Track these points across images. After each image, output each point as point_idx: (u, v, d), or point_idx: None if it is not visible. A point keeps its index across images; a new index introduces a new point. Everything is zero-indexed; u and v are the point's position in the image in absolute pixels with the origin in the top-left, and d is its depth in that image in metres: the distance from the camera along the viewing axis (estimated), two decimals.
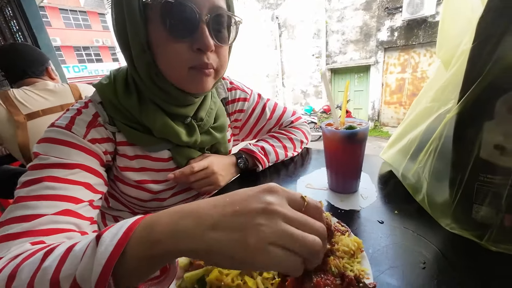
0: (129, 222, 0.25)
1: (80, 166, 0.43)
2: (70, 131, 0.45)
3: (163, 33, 0.42)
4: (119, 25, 0.44)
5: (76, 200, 0.41)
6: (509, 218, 0.32)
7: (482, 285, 0.30)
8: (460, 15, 0.41)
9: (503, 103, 0.30)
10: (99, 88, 0.51)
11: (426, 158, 0.39)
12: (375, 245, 0.38)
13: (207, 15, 0.42)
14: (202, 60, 0.44)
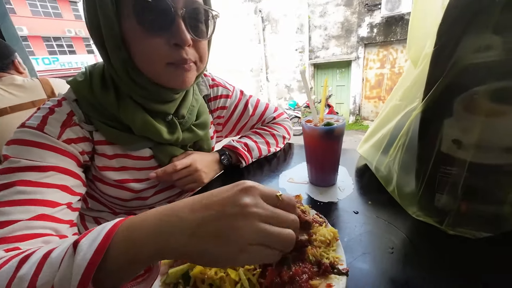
0: (108, 227, 0.25)
1: (55, 168, 0.42)
2: (43, 132, 0.43)
3: (137, 28, 0.41)
4: (92, 19, 0.42)
5: (52, 203, 0.40)
6: (464, 204, 0.36)
7: (441, 264, 0.34)
8: (426, 17, 0.44)
9: (460, 102, 0.33)
10: (73, 85, 0.49)
11: (396, 152, 0.42)
12: (350, 234, 0.41)
13: (182, 9, 0.41)
14: (181, 55, 0.44)
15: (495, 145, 0.32)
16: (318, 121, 0.51)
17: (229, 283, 0.28)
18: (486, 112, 0.32)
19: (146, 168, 0.57)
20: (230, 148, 0.68)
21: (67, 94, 0.49)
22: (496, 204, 0.35)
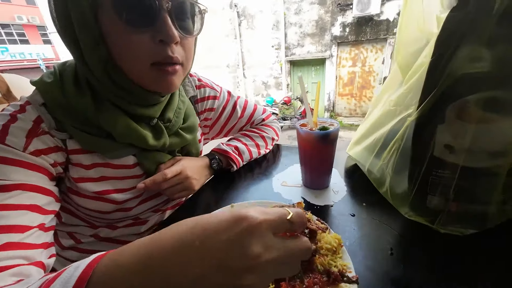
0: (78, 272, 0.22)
1: (21, 186, 0.36)
2: (4, 144, 0.37)
3: (118, 23, 0.37)
4: (61, 15, 0.37)
5: (20, 228, 0.34)
6: (454, 205, 0.39)
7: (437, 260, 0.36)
8: (413, 24, 0.46)
9: (452, 109, 0.35)
10: (41, 86, 0.43)
11: (390, 156, 0.44)
12: (350, 238, 0.42)
13: (168, 2, 0.38)
14: (166, 53, 0.40)
15: (484, 150, 0.35)
16: (313, 126, 0.51)
17: None
18: (476, 119, 0.34)
19: (130, 177, 0.52)
20: (220, 152, 0.66)
21: (31, 98, 0.43)
22: (483, 204, 0.38)
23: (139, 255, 0.22)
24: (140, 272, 0.21)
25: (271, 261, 0.21)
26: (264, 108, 0.80)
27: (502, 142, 0.33)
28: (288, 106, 6.58)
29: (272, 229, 0.22)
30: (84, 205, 0.49)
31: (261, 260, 0.20)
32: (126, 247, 0.24)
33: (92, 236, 0.58)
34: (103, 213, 0.52)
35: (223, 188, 0.62)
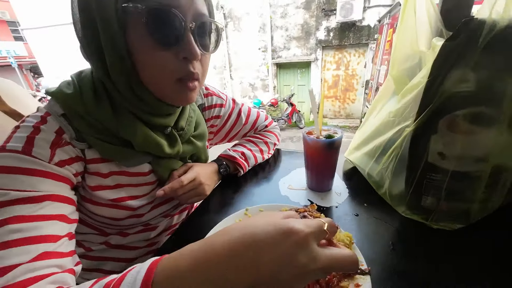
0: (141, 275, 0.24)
1: (50, 197, 0.37)
2: (31, 156, 0.37)
3: (147, 41, 0.39)
4: (87, 31, 0.39)
5: (52, 238, 0.36)
6: (445, 204, 0.45)
7: (431, 253, 0.42)
8: (407, 45, 0.52)
9: (444, 122, 0.41)
10: (61, 98, 0.43)
11: (389, 161, 0.50)
12: (356, 236, 0.46)
13: (192, 23, 0.41)
14: (188, 69, 0.43)
15: (470, 156, 0.41)
16: (319, 134, 0.55)
17: None
18: (464, 131, 0.40)
19: (144, 184, 0.54)
20: (228, 158, 0.69)
21: (50, 108, 0.43)
22: (468, 202, 0.44)
23: (196, 259, 0.24)
24: (199, 275, 0.23)
25: (317, 270, 0.23)
26: (266, 115, 0.83)
27: (484, 150, 0.39)
28: (275, 108, 6.67)
29: (316, 240, 0.24)
30: (98, 213, 0.50)
31: (309, 269, 0.23)
32: (180, 252, 0.26)
33: (103, 243, 0.58)
34: (116, 219, 0.53)
35: (231, 192, 0.65)
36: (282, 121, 6.35)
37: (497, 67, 0.35)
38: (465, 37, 0.35)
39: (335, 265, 0.24)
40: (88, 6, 0.38)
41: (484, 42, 0.34)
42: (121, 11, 0.37)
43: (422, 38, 0.50)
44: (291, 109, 6.35)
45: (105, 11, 0.37)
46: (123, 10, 0.37)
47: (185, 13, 0.39)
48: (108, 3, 0.36)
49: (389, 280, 0.38)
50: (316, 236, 0.24)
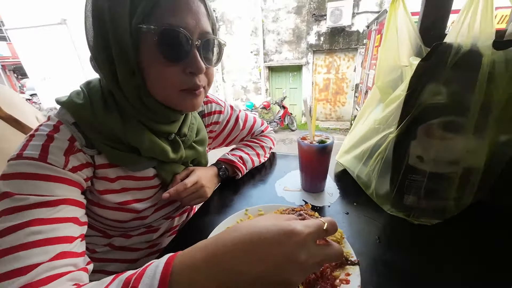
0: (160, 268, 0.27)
1: (65, 201, 0.40)
2: (47, 163, 0.40)
3: (157, 57, 0.42)
4: (100, 48, 0.42)
5: (68, 239, 0.39)
6: (424, 202, 0.51)
7: (412, 245, 0.47)
8: (390, 59, 0.58)
9: (421, 129, 0.47)
10: (72, 107, 0.46)
11: (375, 164, 0.55)
12: (347, 231, 0.51)
13: (197, 41, 0.44)
14: (194, 81, 0.46)
15: (444, 159, 0.46)
16: (312, 139, 0.60)
17: None
18: (438, 137, 0.46)
19: (148, 188, 0.57)
20: (227, 162, 0.72)
21: (62, 117, 0.46)
22: (443, 200, 0.50)
23: (210, 253, 0.28)
24: (212, 266, 0.27)
25: (314, 264, 0.28)
26: (262, 121, 0.88)
27: (456, 154, 0.45)
28: (268, 110, 6.75)
29: (314, 239, 0.28)
30: (105, 215, 0.53)
31: (307, 264, 0.27)
32: (194, 247, 0.30)
33: (107, 245, 0.61)
34: (121, 222, 0.56)
35: (231, 194, 0.69)
36: (275, 124, 6.43)
37: (463, 82, 0.41)
38: (436, 58, 0.40)
39: (327, 259, 0.29)
40: (102, 22, 0.41)
41: (452, 62, 0.39)
42: (135, 31, 0.40)
43: (403, 53, 0.56)
44: (283, 111, 6.44)
45: (119, 29, 0.40)
46: (137, 30, 0.40)
47: (192, 32, 0.43)
48: (123, 22, 0.39)
49: (375, 268, 0.43)
50: (314, 236, 0.28)
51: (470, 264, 0.43)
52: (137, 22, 0.39)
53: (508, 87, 0.40)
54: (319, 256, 0.28)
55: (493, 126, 0.44)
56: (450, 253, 0.45)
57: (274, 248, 0.26)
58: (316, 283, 0.37)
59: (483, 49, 0.37)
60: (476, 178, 0.48)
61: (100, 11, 0.41)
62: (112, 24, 0.40)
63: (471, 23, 0.38)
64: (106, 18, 0.40)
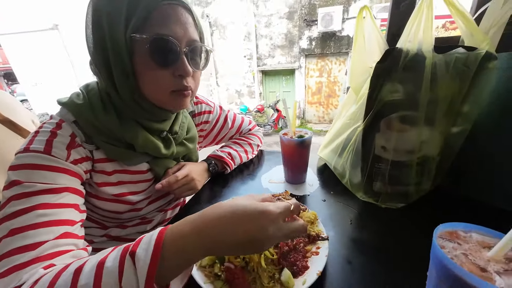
0: (154, 237, 0.32)
1: (67, 189, 0.45)
2: (51, 155, 0.45)
3: (149, 63, 0.48)
4: (99, 54, 0.47)
5: (70, 222, 0.43)
6: (389, 187, 0.57)
7: (379, 225, 0.54)
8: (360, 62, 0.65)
9: (383, 123, 0.54)
10: (73, 107, 0.51)
11: (348, 155, 0.62)
12: (322, 215, 0.57)
13: (185, 48, 0.49)
14: (182, 84, 0.51)
15: (402, 149, 0.53)
16: (292, 134, 0.67)
17: (256, 255, 0.40)
18: (397, 129, 0.52)
19: (142, 181, 0.62)
20: (216, 158, 0.78)
21: (63, 116, 0.51)
22: (405, 185, 0.56)
23: (196, 226, 0.33)
24: (198, 237, 0.32)
25: (282, 236, 0.35)
26: (249, 120, 0.94)
27: (412, 144, 0.52)
28: (262, 114, 6.84)
29: (283, 218, 0.35)
30: (102, 207, 0.58)
31: (276, 236, 0.34)
32: (182, 221, 0.35)
33: (104, 236, 0.66)
34: (117, 213, 0.61)
35: (220, 187, 0.74)
36: (269, 127, 6.51)
37: (413, 81, 0.48)
38: (390, 61, 0.47)
39: (293, 232, 0.36)
40: (101, 31, 0.46)
41: (403, 65, 0.47)
42: (129, 39, 0.45)
43: (372, 57, 0.63)
44: (277, 115, 6.54)
45: (116, 39, 0.45)
46: (131, 39, 0.45)
47: (180, 40, 0.48)
48: (119, 31, 0.45)
49: (344, 243, 0.49)
50: (283, 215, 0.35)
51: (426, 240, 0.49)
52: (131, 31, 0.45)
53: (450, 85, 0.47)
54: (286, 230, 0.35)
55: (443, 119, 0.51)
56: (410, 231, 0.52)
57: (252, 223, 0.32)
58: (290, 253, 0.43)
59: (426, 53, 0.44)
60: (432, 165, 0.55)
61: (99, 21, 0.46)
62: (109, 33, 0.45)
63: (416, 30, 0.45)
64: (104, 27, 0.45)
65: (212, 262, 0.42)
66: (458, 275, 0.22)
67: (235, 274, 0.39)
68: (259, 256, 0.40)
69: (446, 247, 0.27)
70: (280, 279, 0.40)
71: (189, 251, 0.32)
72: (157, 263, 0.30)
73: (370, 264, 0.44)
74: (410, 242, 0.49)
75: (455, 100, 0.49)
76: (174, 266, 0.32)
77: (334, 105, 7.17)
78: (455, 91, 0.47)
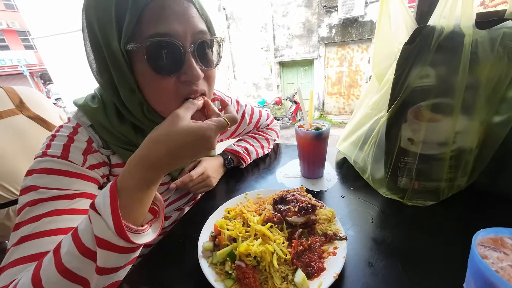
0: (108, 186, 0.34)
1: (81, 195, 0.44)
2: (68, 160, 0.44)
3: (149, 73, 0.40)
4: (101, 68, 0.43)
5: None
6: (417, 183, 0.52)
7: (405, 225, 0.49)
8: (384, 46, 0.59)
9: (410, 112, 0.48)
10: (89, 111, 0.49)
11: (369, 148, 0.57)
12: (341, 213, 0.54)
13: (191, 45, 0.41)
14: (192, 88, 0.43)
15: (433, 141, 0.48)
16: (309, 127, 0.63)
17: (268, 254, 0.38)
18: (427, 119, 0.47)
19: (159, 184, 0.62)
20: (232, 152, 0.77)
21: (80, 119, 0.50)
22: (436, 181, 0.51)
23: (137, 155, 0.36)
24: (140, 160, 0.35)
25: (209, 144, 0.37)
26: (267, 114, 0.91)
27: (445, 135, 0.46)
28: (279, 106, 6.73)
29: (217, 133, 0.37)
30: None
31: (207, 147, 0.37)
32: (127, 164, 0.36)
33: None
34: None
35: (235, 181, 0.73)
36: (287, 120, 6.41)
37: (447, 64, 0.42)
38: (420, 41, 0.42)
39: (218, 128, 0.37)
40: (98, 47, 0.41)
41: (436, 45, 0.41)
42: (126, 51, 0.39)
43: (397, 40, 0.56)
44: (295, 107, 6.40)
45: (113, 52, 0.40)
46: (126, 50, 0.39)
47: (182, 37, 0.39)
48: (113, 45, 0.39)
49: (365, 244, 0.45)
50: (217, 131, 0.37)
51: (459, 244, 0.44)
52: (125, 42, 0.38)
53: (495, 66, 0.40)
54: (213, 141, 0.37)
55: (484, 107, 0.45)
56: (441, 233, 0.47)
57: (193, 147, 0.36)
58: (304, 253, 0.40)
59: (465, 29, 0.38)
60: (469, 159, 0.48)
61: (95, 37, 0.41)
62: (106, 48, 0.40)
63: (453, 4, 0.39)
64: (100, 43, 0.40)
65: (223, 260, 0.40)
66: None
67: (246, 273, 0.37)
68: (271, 255, 0.38)
69: (489, 257, 0.23)
70: (294, 280, 0.37)
71: (138, 174, 0.34)
72: (116, 198, 0.32)
73: (393, 269, 0.40)
74: (440, 245, 0.44)
75: (501, 83, 0.42)
76: (134, 195, 0.34)
77: (355, 96, 6.85)
78: (501, 72, 0.40)
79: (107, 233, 0.31)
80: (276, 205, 0.49)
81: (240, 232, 0.42)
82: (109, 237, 0.31)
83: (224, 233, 0.43)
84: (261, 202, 0.56)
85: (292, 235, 0.43)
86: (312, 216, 0.45)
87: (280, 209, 0.47)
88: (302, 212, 0.45)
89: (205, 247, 0.44)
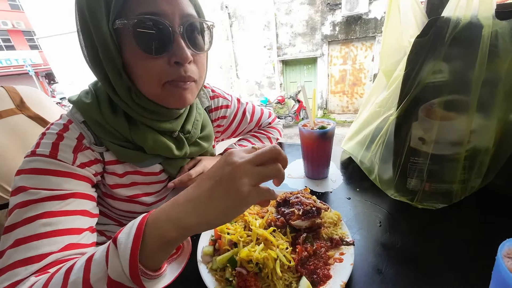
0: (137, 221, 0.30)
1: (74, 195, 0.42)
2: (57, 159, 0.42)
3: (138, 53, 0.40)
4: (90, 52, 0.42)
5: (76, 230, 0.41)
6: (427, 185, 0.49)
7: (414, 229, 0.46)
8: (393, 41, 0.56)
9: (422, 110, 0.45)
10: (81, 107, 0.48)
11: (377, 148, 0.54)
12: (347, 215, 0.51)
13: (180, 26, 0.41)
14: (180, 73, 0.43)
15: (446, 140, 0.45)
16: (313, 125, 0.60)
17: (271, 260, 0.36)
18: (440, 117, 0.44)
19: (156, 182, 0.59)
20: None
21: (72, 116, 0.48)
22: (448, 183, 0.48)
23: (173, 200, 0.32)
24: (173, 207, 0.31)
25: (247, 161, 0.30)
26: (269, 112, 0.88)
27: (459, 134, 0.44)
28: (282, 105, 6.69)
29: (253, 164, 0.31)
30: (118, 207, 0.56)
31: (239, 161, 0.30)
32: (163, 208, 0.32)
33: None
34: (134, 213, 0.59)
35: None
36: (290, 118, 6.37)
37: (463, 58, 0.39)
38: (434, 34, 0.39)
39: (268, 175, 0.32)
40: (87, 29, 0.40)
41: (451, 37, 0.38)
42: (114, 30, 0.39)
43: (407, 34, 0.54)
44: (298, 105, 6.35)
45: (100, 32, 0.39)
46: (114, 29, 0.39)
47: (170, 18, 0.40)
48: (102, 24, 0.39)
49: (373, 250, 0.43)
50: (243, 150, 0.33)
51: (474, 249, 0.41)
52: (113, 20, 0.39)
53: None
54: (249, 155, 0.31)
55: (502, 104, 0.42)
56: (454, 238, 0.44)
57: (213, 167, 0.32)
58: (309, 260, 0.38)
59: (484, 20, 0.35)
60: (484, 159, 0.46)
61: (84, 21, 0.41)
62: (94, 29, 0.40)
63: None
64: (89, 25, 0.40)
65: (224, 266, 0.38)
66: None
67: (247, 281, 0.35)
68: (274, 261, 0.36)
69: None
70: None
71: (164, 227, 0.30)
72: (138, 243, 0.28)
73: (404, 276, 0.38)
74: (454, 252, 0.41)
75: None
76: (154, 247, 0.30)
77: (359, 94, 6.78)
78: None
79: (122, 277, 0.29)
80: (279, 207, 0.47)
81: (241, 236, 0.40)
82: (123, 280, 0.29)
83: (224, 237, 0.41)
84: None
85: (296, 240, 0.41)
86: (317, 219, 0.43)
87: (283, 212, 0.45)
88: (307, 215, 0.42)
89: (204, 252, 0.42)
